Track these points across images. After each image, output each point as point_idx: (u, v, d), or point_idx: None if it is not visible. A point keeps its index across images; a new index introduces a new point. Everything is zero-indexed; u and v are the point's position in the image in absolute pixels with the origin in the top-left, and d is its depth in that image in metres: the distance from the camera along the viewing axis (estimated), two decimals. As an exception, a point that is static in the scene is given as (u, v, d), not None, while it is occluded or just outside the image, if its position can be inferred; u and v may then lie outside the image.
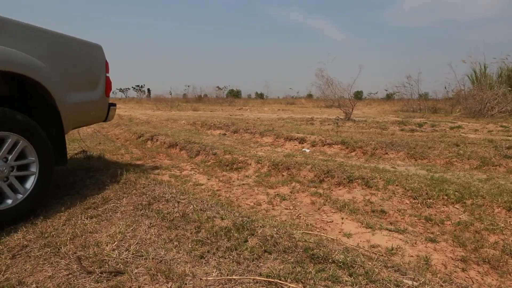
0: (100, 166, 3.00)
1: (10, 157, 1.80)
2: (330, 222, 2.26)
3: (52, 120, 2.05)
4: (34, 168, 1.90)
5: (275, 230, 1.70)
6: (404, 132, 6.40)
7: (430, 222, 2.28)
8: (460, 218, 2.28)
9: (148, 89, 36.94)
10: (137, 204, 2.05)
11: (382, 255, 1.81)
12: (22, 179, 1.88)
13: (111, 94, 2.62)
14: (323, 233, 2.05)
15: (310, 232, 2.02)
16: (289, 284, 1.26)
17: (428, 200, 2.52)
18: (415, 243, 1.99)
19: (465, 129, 6.53)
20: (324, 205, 2.56)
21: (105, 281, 1.28)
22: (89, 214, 1.90)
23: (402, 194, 2.63)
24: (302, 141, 4.99)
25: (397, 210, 2.44)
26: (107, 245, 1.54)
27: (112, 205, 2.04)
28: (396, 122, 7.46)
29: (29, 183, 1.89)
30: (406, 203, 2.53)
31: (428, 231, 2.18)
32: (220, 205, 2.12)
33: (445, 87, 12.29)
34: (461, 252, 1.91)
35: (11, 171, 1.80)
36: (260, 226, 1.74)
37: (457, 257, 1.86)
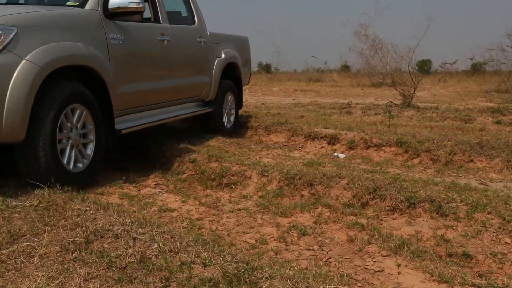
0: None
1: (228, 103, 6.14)
2: (379, 271, 2.26)
3: (239, 81, 6.33)
4: (234, 110, 6.30)
5: (290, 284, 1.70)
6: (501, 126, 6.39)
7: (543, 272, 2.27)
8: None
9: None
10: (67, 242, 2.04)
11: (466, 326, 1.80)
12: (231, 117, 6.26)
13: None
14: (369, 290, 2.04)
15: (347, 288, 2.01)
16: None
17: (540, 237, 2.50)
18: (520, 307, 1.97)
19: None
20: (370, 243, 2.55)
21: None
22: (-12, 259, 1.90)
23: (499, 228, 2.62)
24: (333, 140, 5.01)
25: (491, 254, 2.43)
26: (17, 309, 1.54)
27: (25, 244, 2.04)
28: (488, 110, 7.47)
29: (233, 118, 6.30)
30: (507, 243, 2.52)
31: (541, 287, 2.16)
32: (202, 243, 2.12)
33: None
34: None
35: (231, 110, 6.23)
36: (266, 278, 1.74)
37: None
